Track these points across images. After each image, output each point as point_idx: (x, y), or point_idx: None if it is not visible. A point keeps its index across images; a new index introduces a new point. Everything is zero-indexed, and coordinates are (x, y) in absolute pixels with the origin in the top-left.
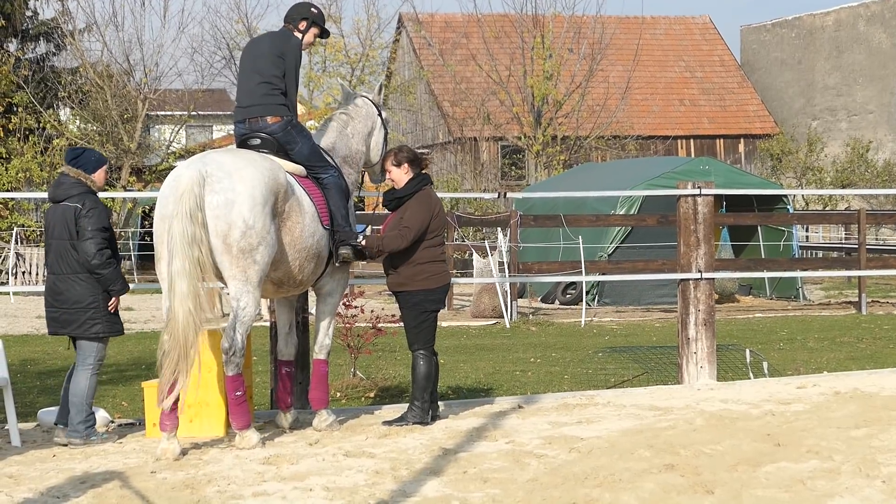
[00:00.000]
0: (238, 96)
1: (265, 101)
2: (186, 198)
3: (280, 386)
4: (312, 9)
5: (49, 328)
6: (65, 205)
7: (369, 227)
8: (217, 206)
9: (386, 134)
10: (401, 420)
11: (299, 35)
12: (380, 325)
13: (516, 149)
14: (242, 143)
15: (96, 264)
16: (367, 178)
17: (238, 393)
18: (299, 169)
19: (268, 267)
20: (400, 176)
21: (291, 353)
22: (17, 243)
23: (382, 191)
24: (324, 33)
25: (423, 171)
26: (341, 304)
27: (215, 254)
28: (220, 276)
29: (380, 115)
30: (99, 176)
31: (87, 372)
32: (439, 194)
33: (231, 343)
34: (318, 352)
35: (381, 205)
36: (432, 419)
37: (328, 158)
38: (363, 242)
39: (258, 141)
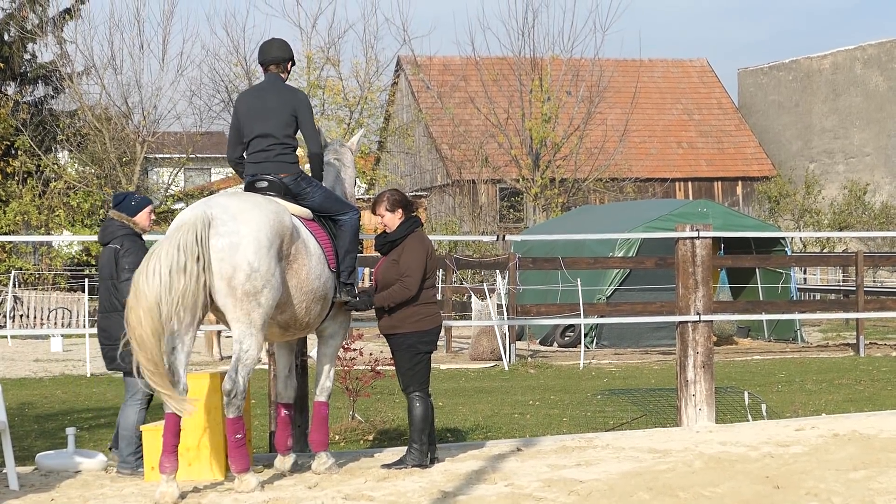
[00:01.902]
0: (248, 153)
1: (277, 160)
2: (185, 230)
3: (279, 429)
4: (285, 44)
5: (105, 364)
6: (110, 246)
7: (367, 269)
8: (222, 249)
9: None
10: (400, 463)
11: (286, 76)
12: (378, 367)
13: (515, 191)
14: (250, 185)
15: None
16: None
17: (238, 436)
18: (305, 212)
19: (272, 310)
20: (393, 220)
21: (291, 396)
22: (14, 286)
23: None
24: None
25: (414, 214)
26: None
27: (219, 296)
28: (221, 318)
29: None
30: (141, 218)
31: (135, 406)
32: (438, 237)
33: (233, 385)
34: (319, 394)
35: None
36: (431, 461)
37: (344, 201)
38: (373, 300)
39: (265, 184)
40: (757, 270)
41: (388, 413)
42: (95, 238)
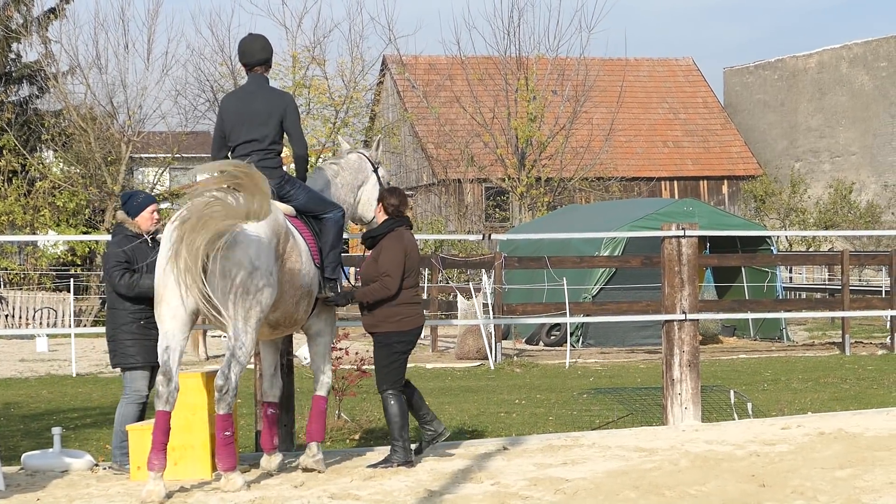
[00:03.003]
0: (233, 157)
1: (261, 165)
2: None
3: (265, 428)
4: (268, 43)
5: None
6: None
7: (352, 268)
8: (223, 248)
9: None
10: (386, 462)
11: (267, 74)
12: (364, 367)
13: (500, 190)
14: None
15: (124, 290)
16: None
17: (227, 433)
18: (290, 209)
19: (268, 308)
20: (380, 215)
21: (276, 395)
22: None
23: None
24: None
25: (404, 214)
26: None
27: (218, 293)
28: (212, 317)
29: (375, 171)
30: (142, 218)
31: (123, 401)
32: (424, 236)
33: (225, 381)
34: (319, 389)
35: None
36: (436, 438)
37: (329, 200)
38: (352, 294)
39: None
40: (743, 269)
41: (373, 412)
42: (81, 238)
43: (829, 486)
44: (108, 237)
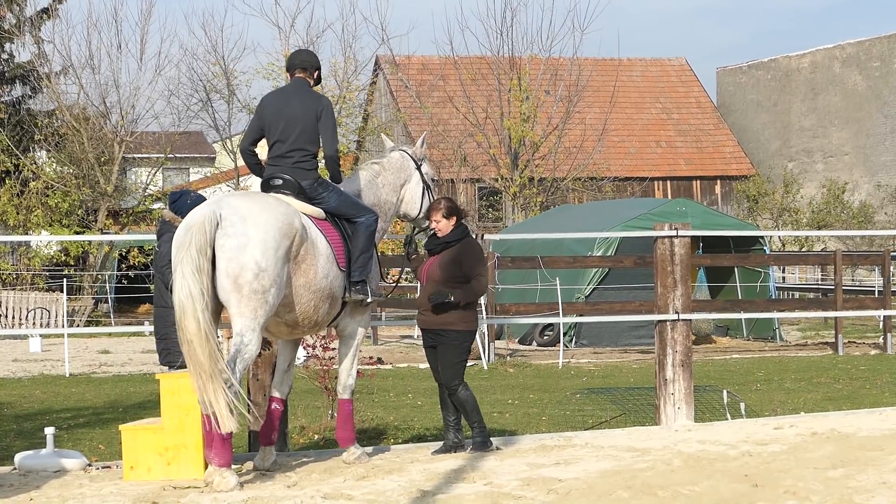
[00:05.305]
0: (269, 156)
1: (295, 166)
2: (195, 231)
3: (267, 421)
4: (317, 58)
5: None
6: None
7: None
8: (230, 249)
9: (427, 188)
10: (480, 446)
11: (312, 82)
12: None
13: (493, 190)
14: (265, 182)
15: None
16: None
17: None
18: (318, 211)
19: (275, 308)
20: (447, 226)
21: (285, 392)
22: None
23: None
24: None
25: (463, 222)
26: (318, 346)
27: (224, 292)
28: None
29: (418, 168)
30: None
31: None
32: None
33: (231, 375)
34: (342, 392)
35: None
36: (460, 445)
37: (361, 204)
38: (445, 294)
39: (280, 181)
40: (735, 269)
41: (367, 412)
42: (74, 238)
43: (822, 486)
44: (109, 238)
